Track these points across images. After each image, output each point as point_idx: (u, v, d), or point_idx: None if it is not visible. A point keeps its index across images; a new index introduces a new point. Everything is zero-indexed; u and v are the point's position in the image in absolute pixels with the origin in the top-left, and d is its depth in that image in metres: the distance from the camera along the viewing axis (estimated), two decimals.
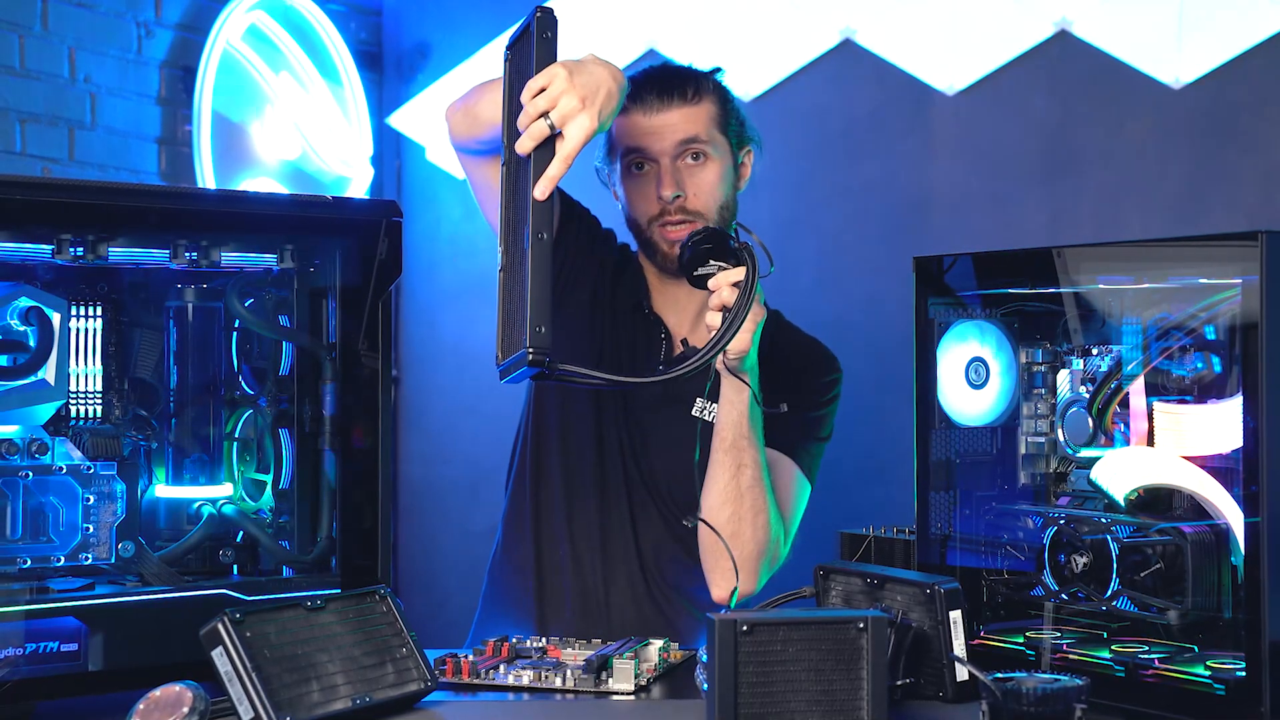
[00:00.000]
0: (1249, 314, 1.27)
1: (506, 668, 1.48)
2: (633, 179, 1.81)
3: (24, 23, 2.96)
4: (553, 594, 1.84)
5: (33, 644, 1.34)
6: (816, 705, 1.23)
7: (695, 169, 1.79)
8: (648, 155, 1.78)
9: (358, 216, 1.58)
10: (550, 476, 1.85)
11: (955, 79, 3.01)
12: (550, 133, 1.45)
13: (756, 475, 1.69)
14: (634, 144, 1.79)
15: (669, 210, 1.78)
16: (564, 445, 1.85)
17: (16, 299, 1.43)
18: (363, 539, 1.52)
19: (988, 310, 1.57)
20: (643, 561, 1.82)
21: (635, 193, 1.81)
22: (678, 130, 1.78)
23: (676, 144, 1.78)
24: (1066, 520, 1.46)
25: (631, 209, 1.83)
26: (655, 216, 1.79)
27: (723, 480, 1.69)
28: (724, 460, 1.68)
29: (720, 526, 1.68)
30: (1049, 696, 1.19)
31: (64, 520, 1.45)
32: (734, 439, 1.68)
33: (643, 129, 1.78)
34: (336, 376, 1.54)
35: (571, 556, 1.83)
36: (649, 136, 1.78)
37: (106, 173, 3.10)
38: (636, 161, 1.80)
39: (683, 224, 1.77)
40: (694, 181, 1.78)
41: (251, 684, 1.26)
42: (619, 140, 1.82)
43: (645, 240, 1.82)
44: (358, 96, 3.65)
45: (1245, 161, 2.70)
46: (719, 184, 1.80)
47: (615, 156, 1.83)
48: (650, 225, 1.80)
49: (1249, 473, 1.26)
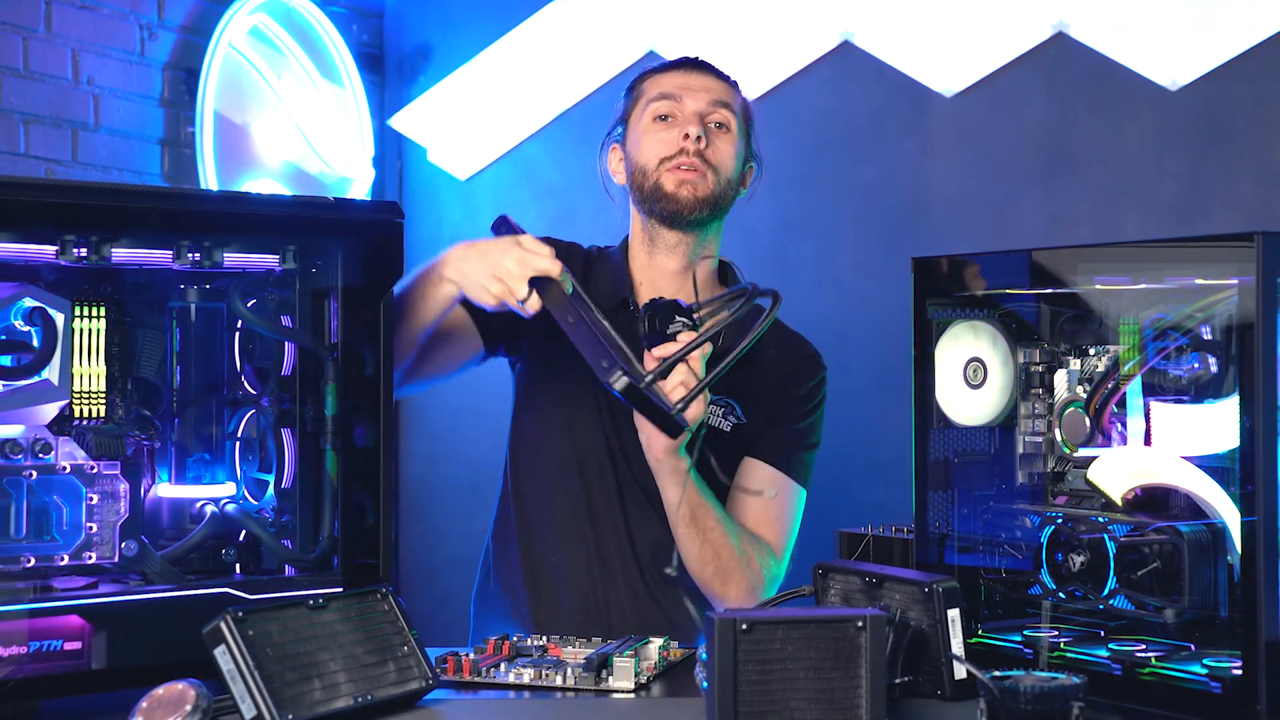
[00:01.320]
0: (1245, 314, 1.27)
1: (507, 666, 1.49)
2: (654, 126, 1.80)
3: (27, 24, 2.97)
4: (548, 601, 1.83)
5: (36, 643, 1.34)
6: (815, 703, 1.23)
7: (719, 134, 1.80)
8: (679, 104, 1.79)
9: (359, 217, 1.59)
10: (537, 488, 1.85)
11: (954, 81, 3.02)
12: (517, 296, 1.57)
13: (723, 531, 1.73)
14: (666, 91, 1.80)
15: (687, 151, 1.76)
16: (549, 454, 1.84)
17: (20, 299, 1.43)
18: (364, 538, 1.53)
19: (986, 310, 1.58)
20: (639, 560, 1.82)
21: (653, 137, 1.79)
22: (713, 91, 1.81)
23: (710, 102, 1.80)
24: (1064, 519, 1.46)
25: (641, 154, 1.80)
26: (669, 157, 1.78)
27: (694, 548, 1.72)
28: (689, 533, 1.72)
29: (708, 580, 1.74)
30: (1046, 694, 1.20)
31: (67, 519, 1.45)
32: (690, 513, 1.70)
33: (679, 83, 1.81)
34: (338, 376, 1.55)
35: (567, 563, 1.82)
36: (685, 90, 1.80)
37: (110, 174, 3.11)
38: (664, 113, 1.80)
39: (694, 169, 1.76)
40: (717, 141, 1.79)
41: (254, 682, 1.26)
42: (648, 91, 1.82)
43: (649, 188, 1.79)
44: (359, 98, 3.65)
45: (1242, 162, 2.70)
46: (734, 159, 1.81)
47: (641, 105, 1.82)
48: (660, 166, 1.78)
49: (1245, 472, 1.27)
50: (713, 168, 1.78)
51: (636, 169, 1.81)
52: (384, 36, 3.83)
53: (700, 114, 1.78)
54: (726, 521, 1.74)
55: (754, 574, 1.76)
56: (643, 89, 1.84)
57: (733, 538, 1.74)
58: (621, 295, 1.85)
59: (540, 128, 3.50)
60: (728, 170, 1.79)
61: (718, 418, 1.81)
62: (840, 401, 1.92)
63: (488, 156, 3.63)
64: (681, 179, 1.77)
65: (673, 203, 1.77)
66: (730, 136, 1.81)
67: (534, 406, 1.87)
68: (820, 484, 1.88)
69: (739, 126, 1.83)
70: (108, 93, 3.13)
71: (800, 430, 1.85)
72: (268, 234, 1.54)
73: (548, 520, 1.84)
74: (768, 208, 3.08)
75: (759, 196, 1.96)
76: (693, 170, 1.77)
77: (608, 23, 3.40)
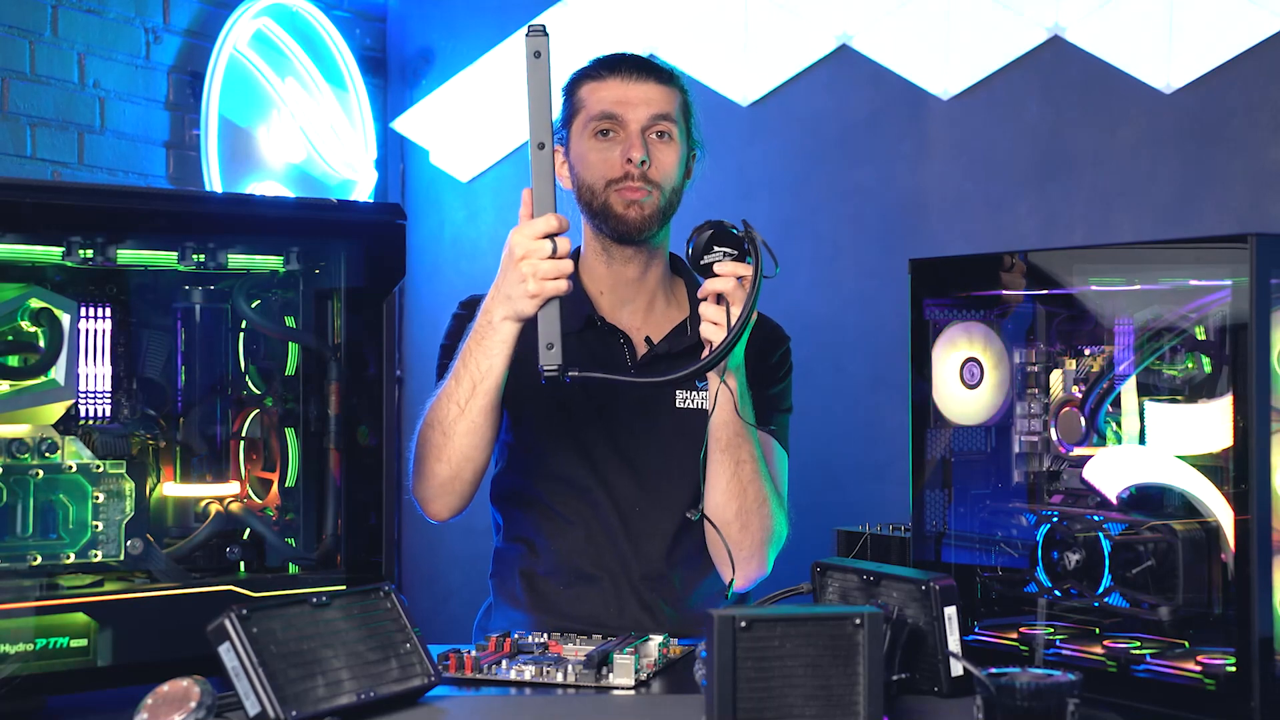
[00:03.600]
0: (1238, 315, 1.28)
1: (508, 663, 1.50)
2: (597, 143, 1.82)
3: (34, 29, 2.98)
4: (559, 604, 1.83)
5: (43, 639, 1.35)
6: (814, 700, 1.23)
7: (661, 145, 1.82)
8: (620, 122, 1.80)
9: (362, 219, 1.60)
10: (539, 500, 1.85)
11: (950, 84, 3.04)
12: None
13: (755, 468, 1.72)
14: (608, 110, 1.81)
15: (632, 175, 1.79)
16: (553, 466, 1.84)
17: (27, 300, 1.44)
18: (367, 536, 1.54)
19: (982, 311, 1.59)
20: (647, 570, 1.82)
21: (597, 156, 1.82)
22: (653, 104, 1.81)
23: (650, 116, 1.81)
24: (1060, 518, 1.47)
25: (587, 173, 1.82)
26: (616, 180, 1.80)
27: (724, 478, 1.71)
28: (722, 459, 1.71)
29: (728, 522, 1.71)
30: (1042, 691, 1.20)
31: (74, 518, 1.46)
32: (729, 437, 1.70)
33: (618, 96, 1.81)
34: (341, 377, 1.56)
35: (574, 571, 1.83)
36: (624, 105, 1.81)
37: (115, 176, 3.12)
38: (605, 128, 1.81)
39: (640, 190, 1.79)
40: (659, 155, 1.81)
41: (258, 679, 1.27)
42: (589, 105, 1.83)
43: (598, 206, 1.82)
44: (362, 101, 3.67)
45: (1235, 165, 2.72)
46: (677, 166, 1.84)
47: (582, 120, 1.83)
48: (607, 189, 1.81)
49: (1238, 471, 1.28)
50: (657, 185, 1.81)
51: (584, 186, 1.84)
52: (387, 40, 3.84)
53: (643, 128, 1.81)
54: (761, 463, 1.74)
55: (768, 527, 1.75)
56: (582, 99, 1.84)
57: (764, 481, 1.74)
58: (585, 312, 1.86)
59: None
60: (671, 180, 1.83)
61: (699, 400, 1.84)
62: (838, 401, 1.93)
63: (489, 159, 3.65)
64: (629, 199, 1.80)
65: (622, 224, 1.82)
66: (672, 145, 1.83)
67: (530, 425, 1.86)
68: (819, 483, 1.90)
69: (680, 128, 1.84)
70: (113, 96, 3.14)
71: (774, 395, 1.89)
72: (272, 236, 1.55)
73: (557, 532, 1.85)
74: (766, 209, 3.10)
75: (757, 198, 1.98)
76: (639, 190, 1.80)
77: (608, 26, 3.41)
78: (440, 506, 1.77)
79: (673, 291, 1.93)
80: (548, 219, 1.57)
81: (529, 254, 1.58)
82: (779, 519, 1.77)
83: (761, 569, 1.78)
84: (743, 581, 1.77)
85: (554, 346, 1.56)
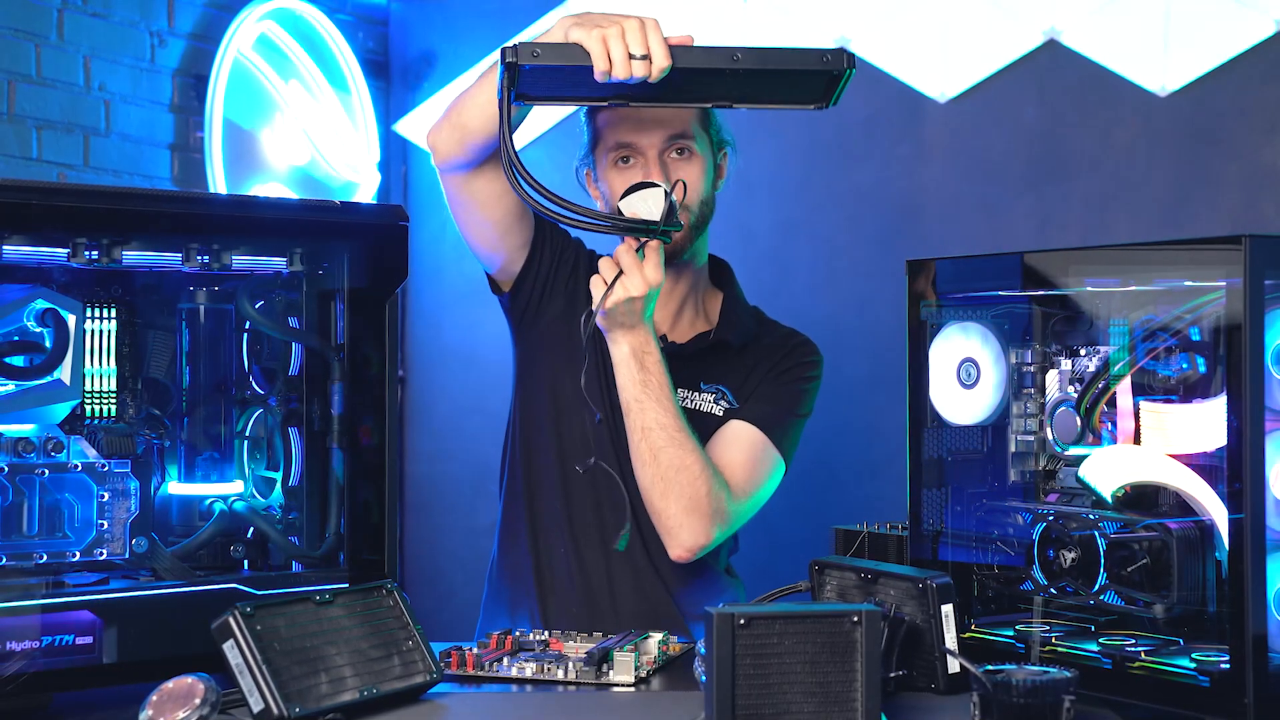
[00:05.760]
0: (1233, 315, 1.29)
1: (510, 660, 1.51)
2: (619, 171, 1.81)
3: (40, 32, 2.99)
4: (556, 595, 1.85)
5: (49, 637, 1.35)
6: (812, 697, 1.24)
7: (681, 163, 1.81)
8: (636, 149, 1.80)
9: (365, 221, 1.61)
10: (546, 483, 1.86)
11: (947, 87, 3.05)
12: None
13: (671, 435, 1.69)
14: (623, 139, 1.80)
15: None
16: (559, 451, 1.85)
17: (33, 301, 1.44)
18: (370, 535, 1.55)
19: (978, 312, 1.59)
20: (649, 553, 1.83)
21: (620, 185, 1.81)
22: (666, 125, 1.80)
23: (665, 138, 1.80)
24: (1055, 516, 1.47)
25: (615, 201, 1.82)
26: None
27: (632, 442, 1.71)
28: (629, 423, 1.71)
29: (646, 490, 1.71)
30: (1038, 688, 1.21)
31: (79, 517, 1.46)
32: (626, 402, 1.70)
33: (632, 123, 1.80)
34: (344, 376, 1.56)
35: (575, 557, 1.84)
36: (638, 131, 1.80)
37: (120, 178, 3.13)
38: (624, 155, 1.81)
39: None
40: (680, 174, 1.79)
41: (261, 676, 1.28)
42: (605, 134, 1.83)
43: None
44: (365, 104, 3.68)
45: (1229, 167, 2.73)
46: (702, 179, 1.82)
47: (602, 151, 1.84)
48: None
49: (1232, 470, 1.28)
50: (684, 205, 1.79)
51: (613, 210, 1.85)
52: (389, 43, 3.85)
53: (660, 151, 1.80)
54: (689, 434, 1.71)
55: (696, 496, 1.70)
56: (599, 128, 1.84)
57: (687, 452, 1.70)
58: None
59: (542, 133, 3.52)
60: (697, 195, 1.81)
61: (709, 403, 1.84)
62: (836, 401, 1.94)
63: None
64: None
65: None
66: (694, 160, 1.81)
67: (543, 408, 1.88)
68: (817, 482, 1.90)
69: (700, 139, 1.82)
70: (119, 99, 3.15)
71: (792, 393, 1.86)
72: (275, 237, 1.56)
73: (560, 518, 1.85)
74: (766, 210, 3.11)
75: (757, 200, 1.99)
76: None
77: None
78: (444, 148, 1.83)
79: (704, 304, 1.91)
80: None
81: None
82: (717, 494, 1.73)
83: (697, 538, 1.72)
84: (682, 552, 1.73)
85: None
